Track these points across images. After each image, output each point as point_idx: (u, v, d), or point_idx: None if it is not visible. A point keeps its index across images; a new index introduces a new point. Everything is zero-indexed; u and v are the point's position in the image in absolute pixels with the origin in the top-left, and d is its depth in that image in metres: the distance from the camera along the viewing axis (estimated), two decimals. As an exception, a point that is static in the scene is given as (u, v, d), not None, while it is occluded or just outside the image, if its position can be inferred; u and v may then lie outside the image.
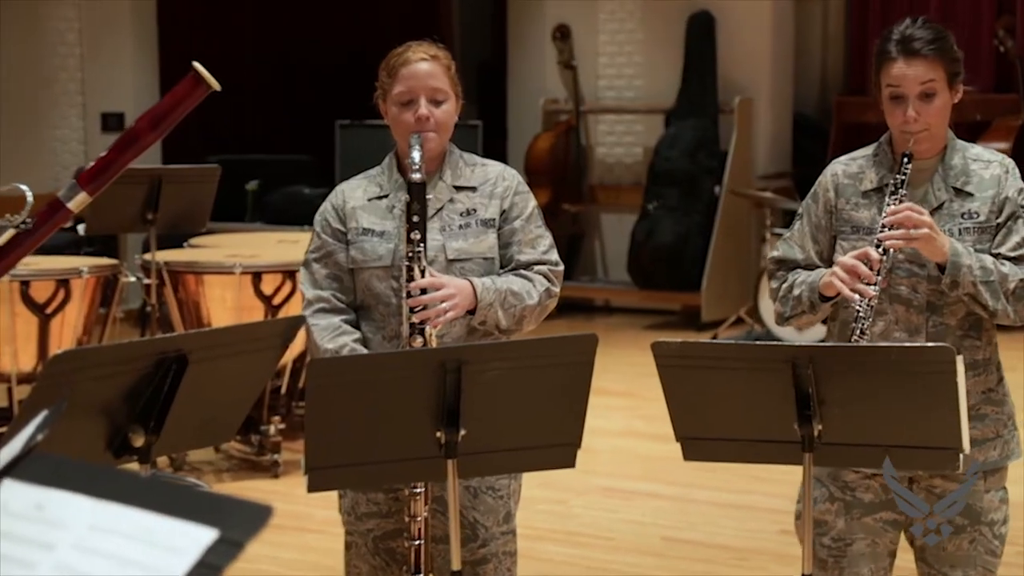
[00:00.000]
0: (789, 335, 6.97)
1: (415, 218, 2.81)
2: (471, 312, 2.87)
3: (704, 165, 8.46)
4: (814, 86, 9.25)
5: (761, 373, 2.55)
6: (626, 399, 6.58)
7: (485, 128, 8.57)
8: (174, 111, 2.67)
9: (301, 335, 2.85)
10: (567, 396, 2.59)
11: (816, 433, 2.54)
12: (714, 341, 3.00)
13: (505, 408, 2.57)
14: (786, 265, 2.99)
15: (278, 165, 9.26)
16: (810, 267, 2.96)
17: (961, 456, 2.52)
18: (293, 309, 5.39)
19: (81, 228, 6.08)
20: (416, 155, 2.82)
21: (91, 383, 2.30)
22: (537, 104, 9.16)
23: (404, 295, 2.81)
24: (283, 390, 5.72)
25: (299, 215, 7.91)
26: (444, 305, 2.81)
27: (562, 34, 8.98)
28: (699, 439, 2.67)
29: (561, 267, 3.01)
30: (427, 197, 2.84)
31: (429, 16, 10.22)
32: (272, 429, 5.47)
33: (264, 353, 2.57)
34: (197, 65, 2.65)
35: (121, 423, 2.37)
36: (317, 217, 3.02)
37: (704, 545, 4.66)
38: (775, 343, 2.61)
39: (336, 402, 2.49)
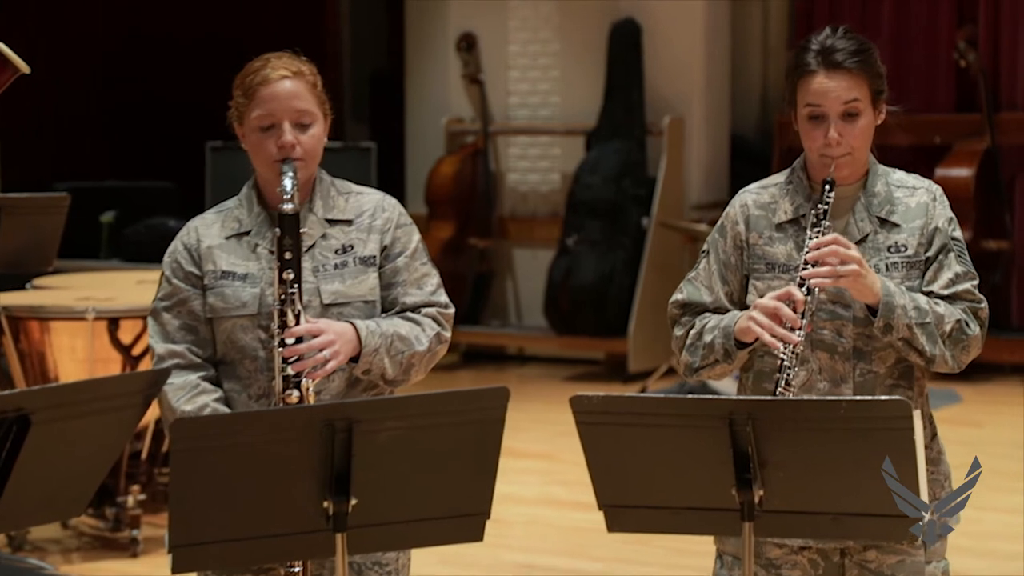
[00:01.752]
0: (728, 388, 7.03)
1: (287, 255, 2.81)
2: (354, 360, 2.87)
3: (630, 194, 8.54)
4: (753, 105, 9.40)
5: (695, 431, 2.58)
6: (543, 462, 6.58)
7: (380, 151, 8.58)
8: None
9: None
10: (474, 459, 2.59)
11: (757, 499, 2.57)
12: (642, 395, 3.02)
13: (402, 473, 2.57)
14: (692, 309, 3.01)
15: (138, 193, 9.16)
16: (719, 311, 2.98)
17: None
18: (155, 360, 5.33)
19: (-97, 267, 5.96)
20: (288, 182, 2.83)
21: (-85, 449, 2.25)
22: (439, 124, 9.20)
23: (277, 344, 2.81)
24: (143, 455, 5.65)
25: (162, 251, 7.76)
26: (324, 353, 2.80)
27: (467, 44, 9.04)
28: (625, 507, 2.68)
29: (451, 309, 3.03)
30: (301, 230, 2.85)
31: (315, 20, 10.22)
32: (130, 501, 5.40)
33: (121, 412, 2.54)
34: None
35: (-49, 495, 2.32)
36: (166, 259, 3.01)
37: (632, 629, 4.68)
38: (710, 396, 2.63)
39: (205, 469, 2.47)
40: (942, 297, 2.90)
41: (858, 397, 2.83)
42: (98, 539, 5.55)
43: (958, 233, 2.96)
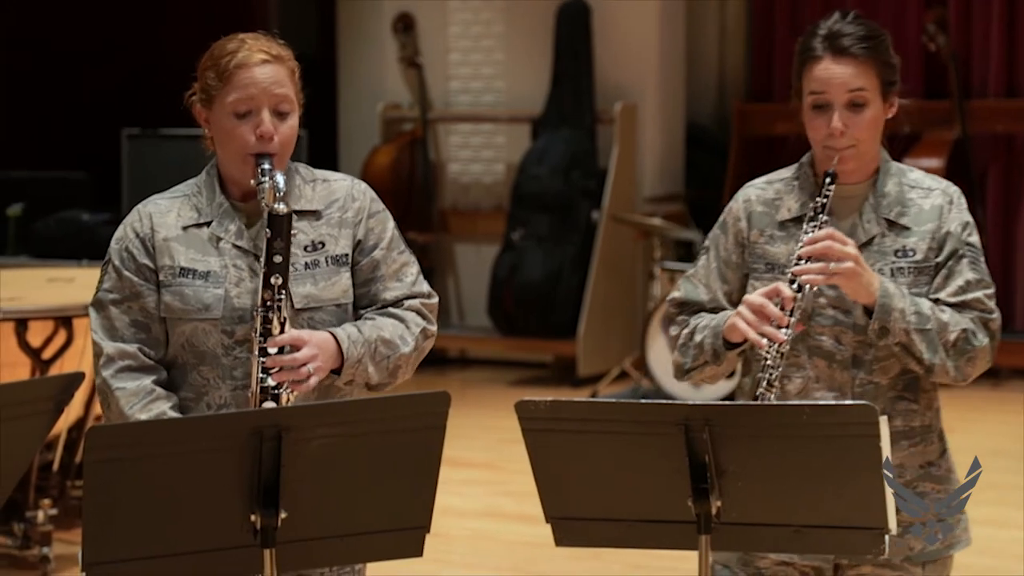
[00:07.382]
0: (685, 392, 7.06)
1: (277, 258, 2.78)
2: (336, 372, 2.85)
3: (579, 185, 8.56)
4: (710, 91, 9.44)
5: (648, 438, 2.59)
6: (487, 472, 6.59)
7: (311, 139, 8.54)
8: None
9: (79, 397, 2.80)
10: (413, 469, 2.59)
11: (714, 511, 2.58)
12: (592, 399, 3.03)
13: (336, 485, 2.56)
14: (688, 308, 3.03)
15: (48, 184, 9.09)
16: (716, 310, 3.00)
17: (887, 538, 2.58)
18: (68, 365, 5.28)
19: None
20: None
21: None
22: (375, 110, 9.18)
23: (257, 352, 2.78)
24: (55, 467, 5.61)
25: (75, 246, 7.73)
26: (308, 367, 2.78)
27: (405, 25, 9.02)
28: (574, 519, 2.69)
29: (435, 299, 3.04)
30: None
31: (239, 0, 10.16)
32: (41, 516, 5.36)
33: (30, 420, 2.52)
34: None
35: None
36: (114, 246, 2.92)
37: (582, 651, 4.69)
38: (665, 401, 2.65)
39: (122, 481, 2.45)
40: (950, 304, 2.90)
41: (821, 402, 2.85)
42: (5, 557, 5.50)
43: (974, 239, 2.97)
